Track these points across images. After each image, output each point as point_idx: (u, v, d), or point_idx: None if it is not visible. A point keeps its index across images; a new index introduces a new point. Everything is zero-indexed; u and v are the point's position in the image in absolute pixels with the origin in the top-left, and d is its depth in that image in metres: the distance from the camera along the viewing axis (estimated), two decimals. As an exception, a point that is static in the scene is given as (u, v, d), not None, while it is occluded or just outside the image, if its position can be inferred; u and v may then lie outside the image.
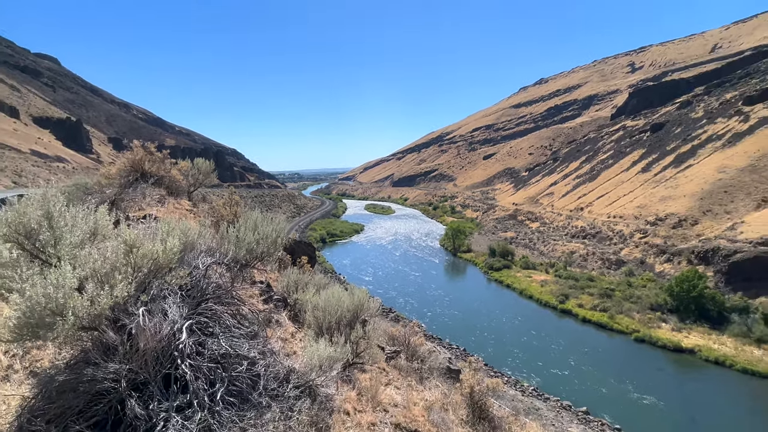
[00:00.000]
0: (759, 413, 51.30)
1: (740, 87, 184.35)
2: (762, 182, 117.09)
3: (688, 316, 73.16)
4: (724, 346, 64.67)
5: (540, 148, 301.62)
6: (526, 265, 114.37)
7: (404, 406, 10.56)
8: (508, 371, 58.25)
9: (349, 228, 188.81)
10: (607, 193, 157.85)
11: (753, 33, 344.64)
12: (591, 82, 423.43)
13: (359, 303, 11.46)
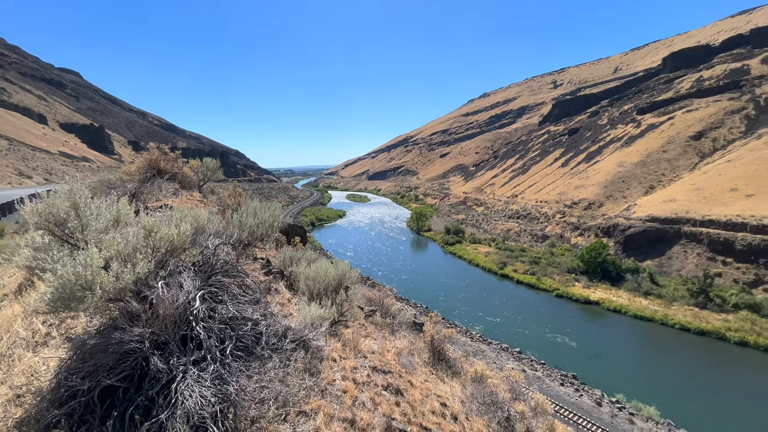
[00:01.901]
0: (645, 346, 54.77)
1: (635, 100, 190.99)
2: (649, 174, 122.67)
3: (595, 277, 76.46)
4: (621, 298, 68.15)
5: (484, 149, 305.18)
6: (474, 240, 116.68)
7: (380, 353, 10.67)
8: (460, 322, 59.70)
9: (333, 214, 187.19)
10: (535, 183, 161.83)
11: (644, 58, 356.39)
12: (523, 95, 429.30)
13: (342, 273, 11.42)
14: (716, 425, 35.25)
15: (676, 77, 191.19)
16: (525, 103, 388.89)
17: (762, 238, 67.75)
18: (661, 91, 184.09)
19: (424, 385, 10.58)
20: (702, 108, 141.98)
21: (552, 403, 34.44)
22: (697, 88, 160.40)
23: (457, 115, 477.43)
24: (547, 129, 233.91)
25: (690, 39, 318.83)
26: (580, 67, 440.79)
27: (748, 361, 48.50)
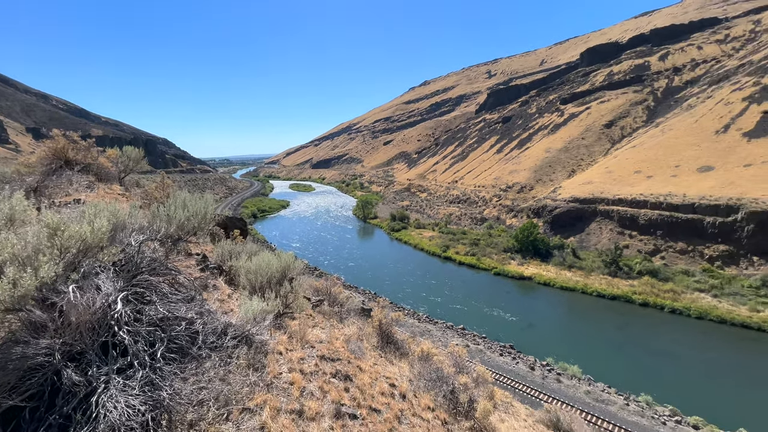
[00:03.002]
0: (569, 313, 61.25)
1: (558, 91, 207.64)
2: (571, 159, 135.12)
3: (528, 254, 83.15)
4: (549, 272, 75.06)
5: (426, 136, 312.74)
6: (419, 225, 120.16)
7: (328, 342, 10.64)
8: (408, 305, 61.63)
9: (276, 204, 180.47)
10: (474, 169, 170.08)
11: (566, 52, 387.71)
12: (461, 84, 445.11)
13: (286, 264, 11.10)
14: (625, 375, 40.82)
15: (592, 71, 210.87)
16: (463, 92, 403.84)
17: (659, 213, 78.52)
18: (579, 83, 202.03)
19: (374, 368, 10.79)
20: (612, 99, 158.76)
21: (492, 372, 37.26)
22: (609, 81, 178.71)
23: (399, 103, 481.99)
24: (483, 117, 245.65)
25: (603, 36, 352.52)
26: (512, 59, 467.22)
27: (648, 319, 56.57)
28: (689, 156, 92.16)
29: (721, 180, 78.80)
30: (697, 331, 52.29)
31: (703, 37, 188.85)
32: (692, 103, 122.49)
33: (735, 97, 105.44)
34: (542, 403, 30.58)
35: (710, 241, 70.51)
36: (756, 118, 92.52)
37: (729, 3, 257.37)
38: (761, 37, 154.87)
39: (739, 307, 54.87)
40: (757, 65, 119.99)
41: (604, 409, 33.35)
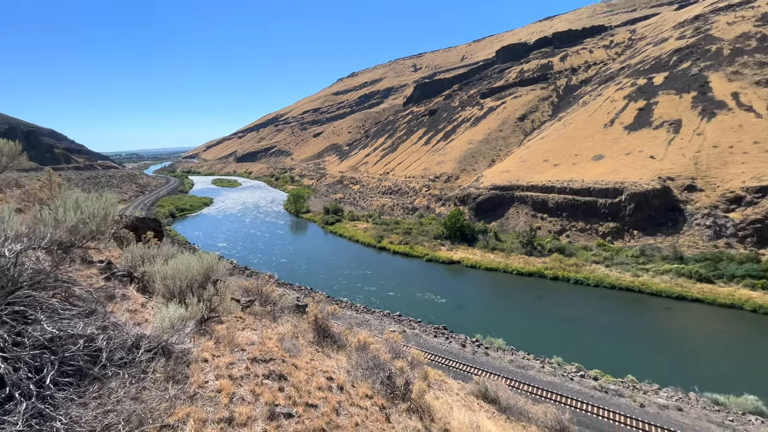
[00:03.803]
0: (494, 291, 66.76)
1: (478, 86, 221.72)
2: (491, 150, 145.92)
3: (456, 240, 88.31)
4: (476, 255, 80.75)
5: (356, 128, 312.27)
6: (353, 217, 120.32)
7: (260, 343, 10.20)
8: (345, 297, 61.72)
9: (198, 202, 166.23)
10: (404, 160, 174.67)
11: (483, 49, 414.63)
12: (388, 77, 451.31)
13: (209, 266, 10.31)
14: (540, 342, 45.97)
15: (506, 68, 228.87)
16: (391, 85, 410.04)
17: (564, 197, 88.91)
18: (496, 79, 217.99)
19: (310, 364, 10.62)
20: (524, 95, 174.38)
21: (427, 354, 39.20)
22: (520, 78, 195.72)
23: (328, 94, 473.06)
24: (410, 110, 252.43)
25: (514, 36, 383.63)
26: (435, 53, 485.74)
27: (558, 291, 64.21)
28: (585, 146, 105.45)
29: (609, 167, 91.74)
30: (594, 297, 60.77)
31: (593, 42, 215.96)
32: (586, 100, 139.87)
33: (618, 96, 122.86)
34: (473, 376, 33.05)
35: (603, 220, 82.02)
36: (634, 114, 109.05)
37: (612, 13, 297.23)
38: (636, 44, 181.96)
39: (625, 274, 64.97)
40: (634, 68, 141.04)
41: (524, 374, 37.26)
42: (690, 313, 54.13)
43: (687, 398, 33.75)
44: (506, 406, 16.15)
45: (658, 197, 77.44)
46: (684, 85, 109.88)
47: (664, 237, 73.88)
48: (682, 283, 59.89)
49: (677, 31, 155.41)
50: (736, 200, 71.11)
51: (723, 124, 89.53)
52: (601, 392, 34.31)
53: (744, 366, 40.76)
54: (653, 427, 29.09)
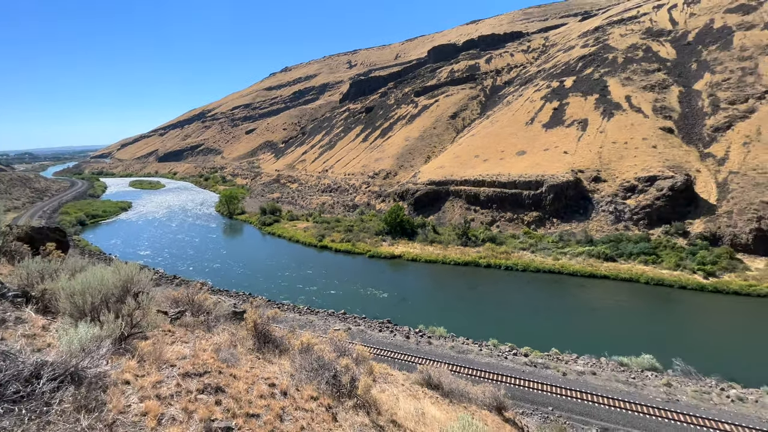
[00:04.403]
0: (434, 282, 69.56)
1: (412, 84, 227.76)
2: (427, 146, 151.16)
3: (397, 235, 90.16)
4: (416, 249, 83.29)
5: (292, 125, 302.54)
6: (292, 217, 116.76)
7: (193, 356, 9.48)
8: (288, 300, 59.80)
9: (113, 207, 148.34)
10: (342, 158, 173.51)
11: (416, 48, 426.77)
12: (323, 73, 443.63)
13: (128, 277, 9.28)
14: (478, 326, 49.10)
15: (438, 67, 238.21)
16: (326, 81, 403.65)
17: (493, 190, 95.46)
18: (428, 78, 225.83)
19: (251, 372, 10.14)
20: (455, 94, 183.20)
21: (372, 349, 39.65)
22: (451, 78, 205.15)
23: (260, 89, 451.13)
24: (347, 107, 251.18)
25: (444, 37, 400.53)
26: (370, 51, 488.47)
27: (491, 278, 68.97)
28: (510, 143, 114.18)
29: (531, 161, 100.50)
30: (523, 281, 66.40)
31: (514, 46, 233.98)
32: (510, 100, 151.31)
33: (536, 96, 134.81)
34: (417, 365, 34.22)
35: (527, 210, 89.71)
36: (550, 113, 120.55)
37: (529, 21, 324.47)
38: (549, 50, 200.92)
39: (547, 258, 71.91)
40: (548, 72, 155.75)
41: (464, 358, 39.51)
42: (599, 289, 61.73)
43: (599, 363, 38.51)
44: (449, 390, 16.98)
45: (572, 188, 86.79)
46: (588, 88, 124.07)
47: (577, 223, 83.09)
48: (592, 263, 68.00)
49: (582, 40, 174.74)
50: (630, 189, 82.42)
51: (619, 123, 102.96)
52: (531, 367, 37.69)
53: (641, 330, 47.65)
54: (573, 392, 32.73)
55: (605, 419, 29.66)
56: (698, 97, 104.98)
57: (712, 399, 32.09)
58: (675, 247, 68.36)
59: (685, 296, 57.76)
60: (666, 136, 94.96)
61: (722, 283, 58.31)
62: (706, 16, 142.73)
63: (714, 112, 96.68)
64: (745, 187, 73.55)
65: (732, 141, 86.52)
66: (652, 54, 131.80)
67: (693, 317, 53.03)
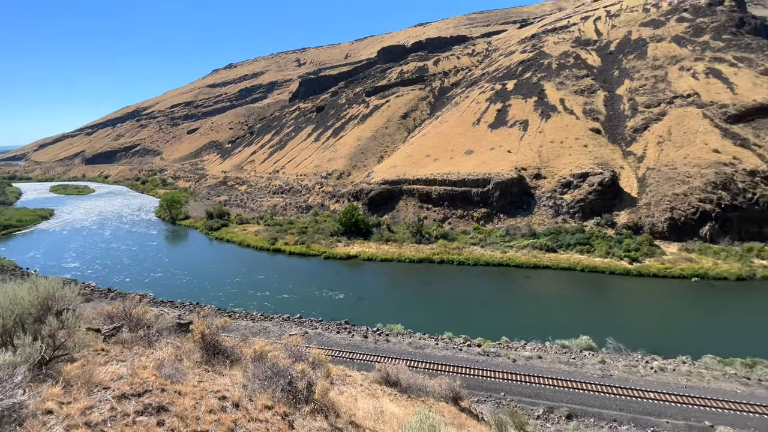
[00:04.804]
0: (390, 281, 70.28)
1: (363, 84, 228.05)
2: (379, 146, 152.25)
3: (352, 235, 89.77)
4: (371, 248, 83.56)
5: (238, 124, 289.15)
6: (241, 220, 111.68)
7: (131, 375, 8.70)
8: (240, 307, 57.10)
9: (30, 215, 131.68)
10: (294, 158, 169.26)
11: (366, 49, 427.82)
12: (271, 70, 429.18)
13: (48, 294, 8.28)
14: (434, 321, 50.42)
15: (388, 68, 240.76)
16: (274, 79, 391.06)
17: (444, 188, 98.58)
18: (379, 78, 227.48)
19: (199, 387, 9.54)
20: (405, 94, 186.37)
21: (330, 351, 39.15)
22: (401, 78, 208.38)
23: (202, 86, 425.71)
24: (297, 106, 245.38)
25: (393, 38, 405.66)
26: (319, 49, 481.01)
27: (445, 273, 71.20)
28: (459, 142, 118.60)
29: (479, 160, 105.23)
30: (474, 275, 69.34)
31: (460, 49, 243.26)
32: (457, 101, 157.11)
33: (482, 98, 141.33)
34: (375, 364, 34.37)
35: (477, 206, 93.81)
36: (494, 114, 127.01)
37: (473, 26, 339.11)
38: (492, 54, 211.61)
39: (495, 251, 75.77)
40: (492, 75, 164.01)
41: (422, 353, 40.40)
42: (542, 278, 66.29)
43: (545, 347, 41.36)
44: (407, 386, 17.24)
45: (516, 185, 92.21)
46: (528, 91, 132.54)
47: (522, 218, 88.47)
48: (536, 255, 72.81)
49: (521, 46, 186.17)
50: (567, 185, 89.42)
51: (556, 124, 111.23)
52: (484, 356, 39.50)
53: (579, 314, 51.95)
54: (522, 376, 34.84)
55: (551, 399, 31.91)
56: (620, 101, 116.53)
57: (639, 371, 35.83)
58: (605, 236, 75.34)
59: (615, 281, 63.93)
60: (595, 136, 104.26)
61: (644, 267, 65.35)
62: (624, 29, 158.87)
63: (633, 114, 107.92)
64: (660, 182, 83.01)
65: (648, 140, 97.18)
66: (581, 61, 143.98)
67: (622, 299, 58.86)
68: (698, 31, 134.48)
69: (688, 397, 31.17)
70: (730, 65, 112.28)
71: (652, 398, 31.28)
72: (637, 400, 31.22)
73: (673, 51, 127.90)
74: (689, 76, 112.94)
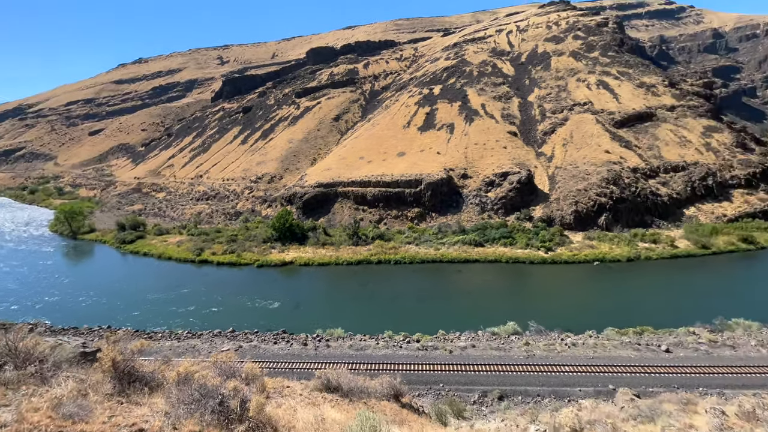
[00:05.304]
0: (329, 284, 69.19)
1: (292, 85, 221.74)
2: (311, 148, 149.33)
3: (287, 241, 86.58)
4: (308, 253, 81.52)
5: (153, 125, 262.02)
6: (160, 231, 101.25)
7: (18, 420, 7.37)
8: (163, 326, 51.63)
9: None
10: (219, 161, 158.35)
11: (294, 49, 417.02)
12: (189, 68, 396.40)
13: None
14: (374, 321, 50.81)
15: (318, 69, 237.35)
16: (194, 77, 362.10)
17: (379, 190, 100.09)
18: (309, 79, 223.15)
19: (110, 423, 8.45)
20: (336, 97, 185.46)
21: (268, 363, 37.37)
22: (331, 80, 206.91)
23: (106, 82, 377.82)
24: (221, 106, 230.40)
25: (322, 40, 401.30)
26: (244, 47, 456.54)
27: (382, 273, 72.28)
28: (391, 145, 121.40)
29: (410, 162, 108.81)
30: (410, 273, 71.46)
31: (388, 54, 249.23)
32: (388, 105, 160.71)
33: (411, 102, 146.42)
34: (315, 372, 33.57)
35: (410, 206, 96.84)
36: (423, 118, 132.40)
37: (400, 32, 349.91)
38: (419, 60, 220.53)
39: (429, 249, 78.98)
40: (419, 80, 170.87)
41: (363, 354, 40.45)
42: (472, 271, 70.77)
43: (477, 336, 44.14)
44: (348, 390, 17.10)
45: (446, 185, 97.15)
46: (453, 96, 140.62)
47: (452, 215, 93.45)
48: (466, 250, 77.46)
49: (445, 53, 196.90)
50: (490, 183, 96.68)
51: (479, 127, 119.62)
52: (423, 351, 40.87)
53: (506, 301, 56.46)
54: (458, 366, 36.77)
55: (484, 383, 34.15)
56: (532, 107, 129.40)
57: (556, 348, 40.05)
58: (524, 230, 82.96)
59: (534, 269, 70.72)
60: (512, 138, 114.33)
61: (557, 255, 73.34)
62: (532, 42, 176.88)
63: (542, 119, 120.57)
64: (566, 179, 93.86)
65: (555, 143, 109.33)
66: (498, 70, 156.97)
67: (540, 285, 65.32)
68: (590, 48, 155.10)
69: (595, 366, 35.65)
70: (614, 78, 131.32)
71: (567, 371, 35.15)
72: (556, 375, 34.84)
73: (571, 64, 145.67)
74: (584, 87, 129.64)
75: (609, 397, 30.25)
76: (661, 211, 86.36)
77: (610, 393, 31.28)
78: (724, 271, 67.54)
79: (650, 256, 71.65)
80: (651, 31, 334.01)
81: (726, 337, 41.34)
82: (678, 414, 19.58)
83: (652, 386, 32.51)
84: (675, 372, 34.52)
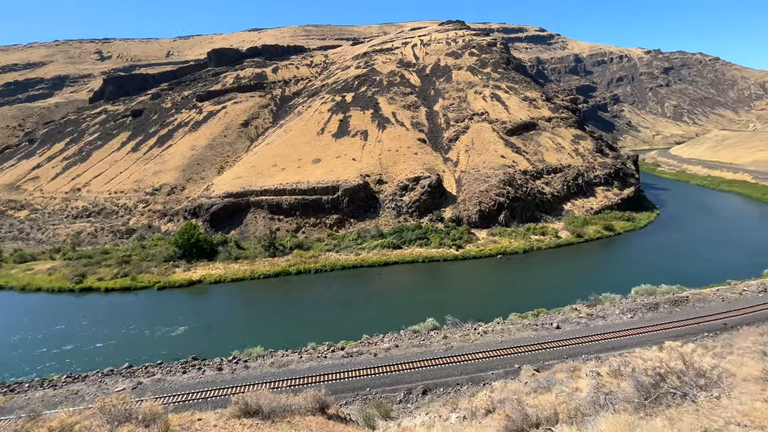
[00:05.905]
0: (245, 301, 64.47)
1: (192, 87, 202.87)
2: (218, 156, 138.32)
3: (193, 258, 78.38)
4: (218, 269, 74.92)
5: (8, 129, 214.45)
6: (23, 258, 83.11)
7: None
8: (27, 375, 42.13)
9: None
10: (103, 172, 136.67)
11: (192, 48, 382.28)
12: (58, 62, 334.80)
13: None
14: (295, 334, 48.83)
15: (221, 72, 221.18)
16: (64, 72, 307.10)
17: (295, 197, 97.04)
18: (212, 82, 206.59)
19: None
20: (244, 101, 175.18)
21: (175, 397, 33.26)
22: (238, 84, 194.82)
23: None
24: (103, 108, 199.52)
25: (225, 41, 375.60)
26: (129, 42, 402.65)
27: (302, 284, 70.01)
28: (306, 151, 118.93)
29: (327, 168, 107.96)
30: (332, 280, 70.58)
31: (298, 59, 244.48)
32: (300, 111, 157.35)
33: (324, 108, 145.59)
34: (232, 397, 30.90)
35: (328, 213, 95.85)
36: (337, 124, 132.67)
37: (309, 38, 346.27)
38: (330, 67, 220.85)
39: (350, 255, 79.12)
40: (331, 87, 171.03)
41: (286, 370, 38.48)
42: (392, 273, 72.89)
43: (400, 336, 45.47)
44: (270, 411, 16.04)
45: (362, 190, 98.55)
46: (365, 104, 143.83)
47: (370, 220, 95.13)
48: (385, 253, 79.49)
49: (355, 62, 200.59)
50: (404, 188, 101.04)
51: (391, 134, 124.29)
52: (348, 357, 40.56)
53: (424, 298, 59.33)
54: (383, 368, 37.38)
55: (408, 381, 35.29)
56: (437, 116, 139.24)
57: (470, 338, 43.40)
58: (437, 230, 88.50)
59: (447, 266, 75.81)
60: (422, 145, 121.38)
61: (466, 251, 79.80)
62: (435, 56, 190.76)
63: (447, 127, 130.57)
64: (470, 182, 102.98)
65: (459, 149, 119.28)
66: (406, 80, 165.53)
67: (454, 280, 70.25)
68: (483, 64, 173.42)
69: (503, 350, 39.55)
70: (504, 92, 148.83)
71: (480, 358, 38.34)
72: (472, 363, 37.71)
73: (469, 78, 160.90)
74: (481, 99, 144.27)
75: (515, 375, 33.81)
76: (547, 207, 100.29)
77: (516, 372, 34.97)
78: (594, 255, 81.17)
79: (541, 246, 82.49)
80: (530, 53, 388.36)
81: (599, 309, 49.60)
82: (567, 380, 22.79)
83: (548, 360, 37.28)
84: (564, 345, 40.15)
